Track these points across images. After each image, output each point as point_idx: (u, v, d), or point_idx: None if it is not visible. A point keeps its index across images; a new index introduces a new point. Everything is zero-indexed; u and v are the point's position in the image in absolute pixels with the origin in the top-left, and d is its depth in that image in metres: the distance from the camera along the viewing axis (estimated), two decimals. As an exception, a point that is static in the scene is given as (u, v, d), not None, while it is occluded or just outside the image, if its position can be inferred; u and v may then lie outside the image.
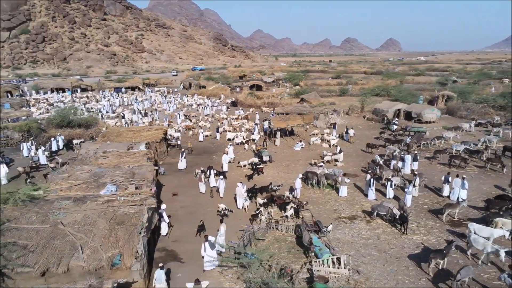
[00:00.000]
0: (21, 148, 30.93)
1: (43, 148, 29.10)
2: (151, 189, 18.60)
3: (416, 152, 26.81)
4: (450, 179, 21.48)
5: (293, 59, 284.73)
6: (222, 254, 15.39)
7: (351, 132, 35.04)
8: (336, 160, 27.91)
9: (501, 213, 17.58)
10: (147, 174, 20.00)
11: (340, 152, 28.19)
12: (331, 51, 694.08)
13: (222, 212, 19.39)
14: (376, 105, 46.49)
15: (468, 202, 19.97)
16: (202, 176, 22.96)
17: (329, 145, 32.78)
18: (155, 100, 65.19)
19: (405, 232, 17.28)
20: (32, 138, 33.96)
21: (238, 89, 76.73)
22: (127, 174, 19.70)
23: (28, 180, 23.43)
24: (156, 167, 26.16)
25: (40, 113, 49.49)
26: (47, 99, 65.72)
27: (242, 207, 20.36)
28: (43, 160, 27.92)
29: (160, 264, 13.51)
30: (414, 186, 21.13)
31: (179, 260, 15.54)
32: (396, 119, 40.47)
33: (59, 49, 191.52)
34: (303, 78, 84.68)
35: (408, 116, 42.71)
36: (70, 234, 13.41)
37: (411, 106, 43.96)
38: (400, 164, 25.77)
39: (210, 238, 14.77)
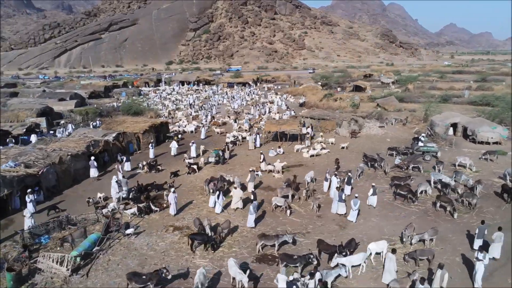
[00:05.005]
0: (67, 128, 39.30)
1: (63, 129, 36.75)
2: (39, 170, 22.32)
3: (350, 174, 22.22)
4: (344, 196, 19.06)
5: (476, 57, 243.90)
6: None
7: (303, 129, 34.40)
8: (272, 171, 25.78)
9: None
10: (56, 158, 23.70)
11: (263, 160, 25.99)
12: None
13: (95, 199, 21.57)
14: (435, 116, 38.32)
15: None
16: (119, 166, 25.24)
17: (309, 155, 29.90)
18: (227, 95, 69.40)
19: (194, 251, 16.02)
20: (91, 121, 42.66)
21: (339, 89, 73.61)
22: (42, 155, 23.83)
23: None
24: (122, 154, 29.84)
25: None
26: (164, 90, 77.84)
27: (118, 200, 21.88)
28: (64, 139, 35.06)
29: None
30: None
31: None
32: (423, 135, 32.66)
33: (229, 47, 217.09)
34: (414, 80, 74.28)
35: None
36: None
37: (472, 120, 34.60)
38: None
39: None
